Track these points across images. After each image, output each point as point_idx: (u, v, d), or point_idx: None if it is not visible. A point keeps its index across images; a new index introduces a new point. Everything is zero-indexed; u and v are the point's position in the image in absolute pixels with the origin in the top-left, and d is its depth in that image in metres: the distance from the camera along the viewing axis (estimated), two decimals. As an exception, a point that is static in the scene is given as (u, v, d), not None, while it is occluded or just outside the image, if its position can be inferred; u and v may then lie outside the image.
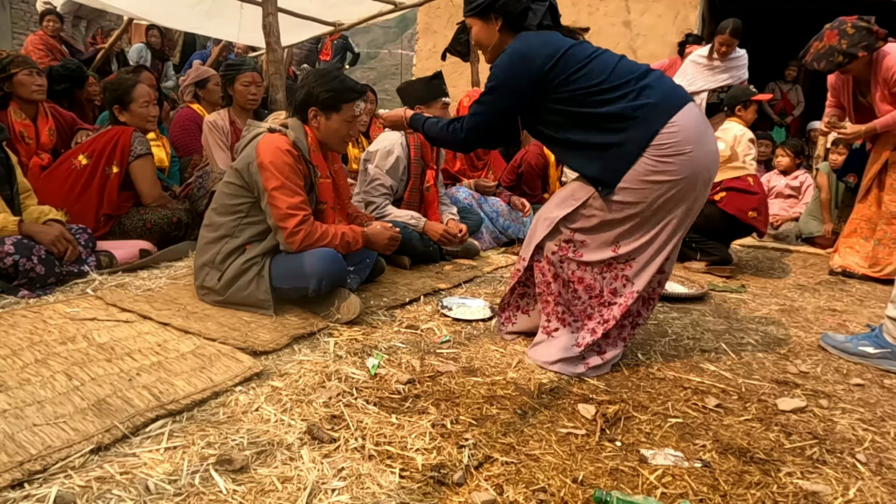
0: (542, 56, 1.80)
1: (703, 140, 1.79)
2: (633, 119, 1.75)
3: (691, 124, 1.77)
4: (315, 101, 2.25)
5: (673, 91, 1.82)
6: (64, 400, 1.45)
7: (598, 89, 1.78)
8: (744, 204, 3.44)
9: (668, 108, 1.76)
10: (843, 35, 3.11)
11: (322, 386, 1.66)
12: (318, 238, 2.15)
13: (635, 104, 1.76)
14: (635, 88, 1.77)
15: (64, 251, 2.34)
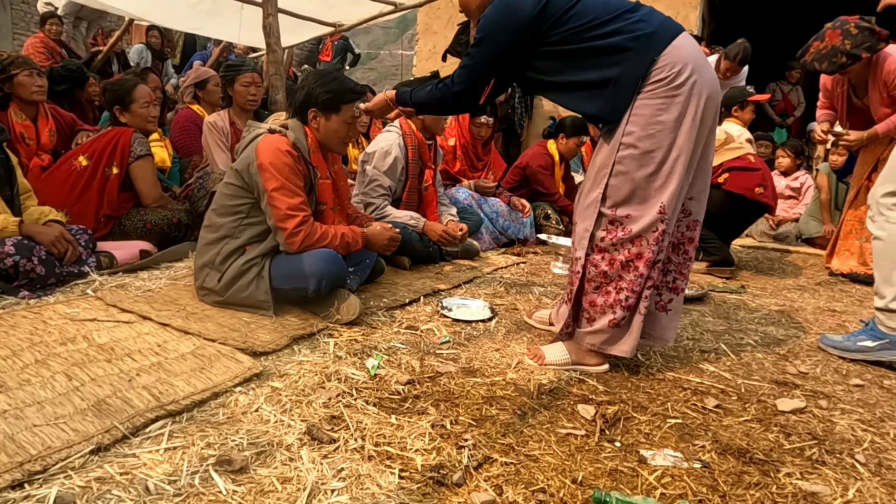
0: (528, 4, 1.77)
1: (703, 66, 1.75)
2: (630, 50, 1.72)
3: (688, 51, 1.73)
4: (315, 102, 2.25)
5: (666, 21, 1.79)
6: (64, 400, 1.45)
7: (592, 25, 1.74)
8: (748, 181, 3.43)
9: (664, 37, 1.72)
10: (847, 35, 3.02)
11: (322, 386, 1.66)
12: (317, 239, 2.15)
13: (631, 35, 1.72)
14: (629, 20, 1.74)
15: (64, 252, 2.34)
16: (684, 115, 1.71)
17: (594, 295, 1.86)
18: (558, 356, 1.94)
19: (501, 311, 2.46)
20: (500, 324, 2.30)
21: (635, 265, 1.80)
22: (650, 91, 1.71)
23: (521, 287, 2.87)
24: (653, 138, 1.72)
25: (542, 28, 1.77)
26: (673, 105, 1.70)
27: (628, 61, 1.72)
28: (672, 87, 1.70)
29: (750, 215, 3.60)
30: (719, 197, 3.34)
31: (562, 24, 1.76)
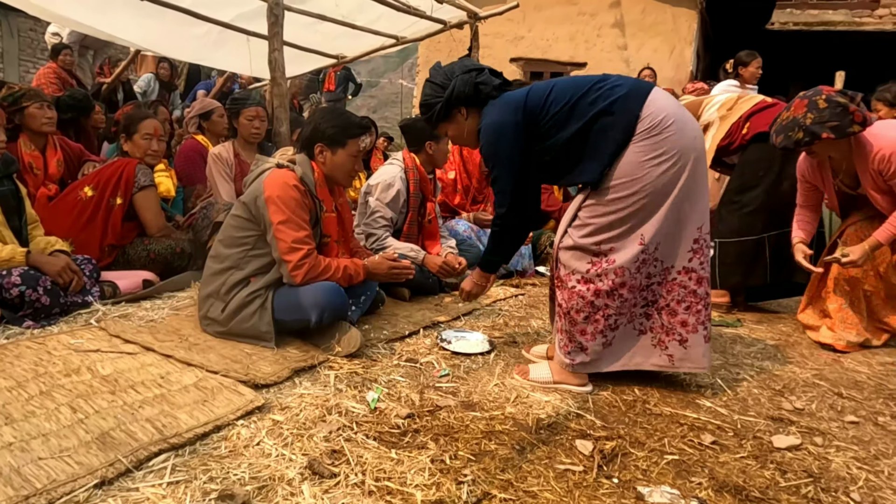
0: (510, 114, 1.95)
1: (682, 115, 1.90)
2: (612, 114, 1.86)
3: (666, 102, 1.88)
4: (321, 136, 2.32)
5: (637, 82, 1.95)
6: (68, 433, 1.47)
7: (571, 104, 1.90)
8: (768, 118, 3.09)
9: (639, 94, 1.87)
10: (812, 108, 2.49)
11: (322, 420, 1.68)
12: (321, 271, 2.19)
13: (609, 101, 1.86)
14: (603, 88, 1.90)
15: (70, 282, 2.37)
16: (668, 157, 1.84)
17: (584, 325, 1.98)
18: (541, 375, 2.07)
19: (500, 343, 2.48)
20: (499, 357, 2.33)
21: (620, 293, 1.94)
22: (637, 140, 1.86)
23: (520, 320, 2.90)
24: (637, 179, 1.85)
25: (534, 125, 1.94)
26: (657, 148, 1.84)
27: (614, 124, 1.86)
28: (655, 133, 1.84)
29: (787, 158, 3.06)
30: (758, 152, 3.11)
31: (545, 113, 1.93)
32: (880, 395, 2.19)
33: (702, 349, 2.00)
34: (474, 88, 2.04)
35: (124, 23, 4.72)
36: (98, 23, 4.73)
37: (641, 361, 2.02)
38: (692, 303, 1.97)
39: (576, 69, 7.66)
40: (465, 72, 2.06)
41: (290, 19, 4.43)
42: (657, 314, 1.99)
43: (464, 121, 2.11)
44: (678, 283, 1.96)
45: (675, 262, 1.95)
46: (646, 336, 2.01)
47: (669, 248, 1.94)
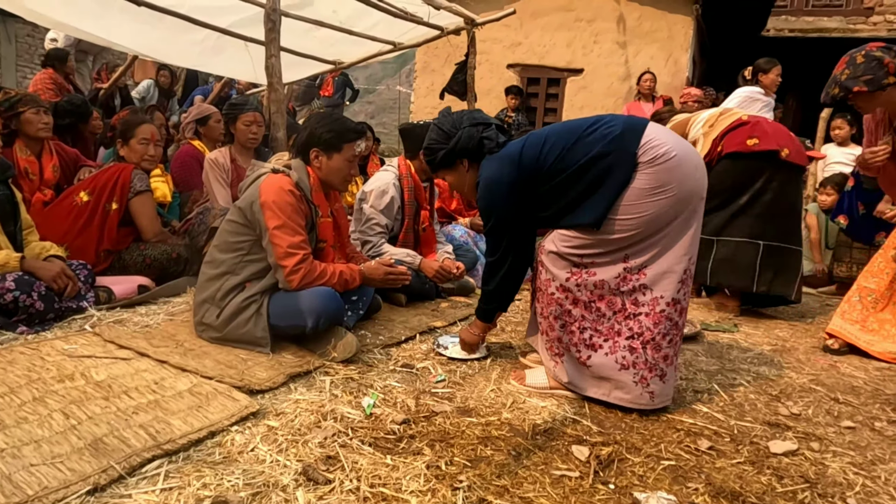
0: (506, 168, 1.96)
1: (682, 145, 1.87)
2: (610, 154, 1.84)
3: (663, 134, 1.86)
4: (317, 141, 2.32)
5: (630, 118, 1.93)
6: (61, 439, 1.46)
7: (567, 151, 1.88)
8: (738, 137, 3.29)
9: (635, 130, 1.85)
10: (850, 63, 2.57)
11: (317, 426, 1.67)
12: (316, 277, 2.18)
13: (605, 142, 1.85)
14: (597, 130, 1.88)
15: (64, 288, 2.36)
16: (665, 186, 1.81)
17: (560, 332, 1.98)
18: (537, 380, 2.08)
19: (496, 349, 2.48)
20: (496, 362, 2.32)
21: (597, 306, 1.92)
22: (641, 172, 1.82)
23: (517, 325, 2.89)
24: (635, 212, 1.82)
25: (531, 177, 1.93)
26: (659, 180, 1.81)
27: (614, 164, 1.83)
28: (658, 166, 1.80)
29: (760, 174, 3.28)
30: (722, 168, 3.29)
31: (543, 164, 1.91)
32: (877, 401, 2.19)
33: (673, 381, 1.97)
34: (478, 143, 2.05)
35: (122, 29, 4.72)
36: (96, 28, 4.73)
37: (622, 396, 1.92)
38: (674, 336, 1.92)
39: (572, 75, 7.69)
40: (472, 124, 2.07)
41: (287, 25, 4.43)
42: (641, 349, 1.89)
43: (465, 172, 2.13)
44: (666, 315, 1.89)
45: (664, 293, 1.88)
46: (627, 372, 1.91)
47: (659, 276, 1.88)
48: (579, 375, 1.98)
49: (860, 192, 4.16)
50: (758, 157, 3.30)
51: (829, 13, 9.21)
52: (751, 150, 3.28)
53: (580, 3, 7.51)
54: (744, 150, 3.28)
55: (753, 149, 3.28)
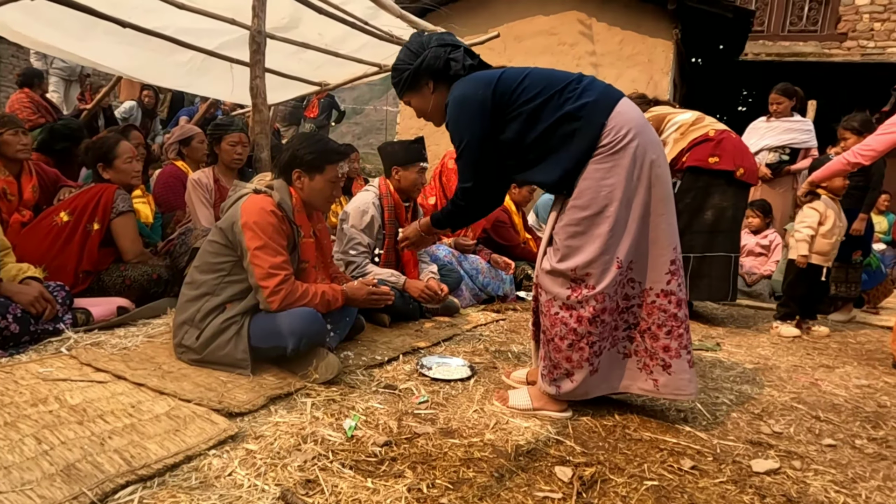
0: (480, 89, 1.90)
1: (645, 129, 1.87)
2: (579, 119, 1.83)
3: (631, 115, 1.86)
4: (299, 162, 2.32)
5: (608, 89, 1.91)
6: (32, 465, 1.42)
7: (543, 99, 1.86)
8: (701, 153, 3.51)
9: (608, 104, 1.85)
10: None
11: (297, 449, 1.64)
12: (298, 297, 2.17)
13: (578, 104, 1.84)
14: (576, 90, 1.87)
15: (42, 311, 2.32)
16: (631, 175, 1.83)
17: (569, 352, 1.93)
18: (521, 401, 2.05)
19: (481, 369, 2.47)
20: (479, 383, 2.31)
21: (602, 318, 1.91)
22: (598, 155, 1.83)
23: (501, 345, 2.89)
24: (603, 199, 1.84)
25: (499, 107, 1.90)
26: (618, 166, 1.82)
27: (580, 130, 1.83)
28: (617, 150, 1.82)
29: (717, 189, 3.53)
30: (686, 185, 3.55)
31: (514, 99, 1.88)
32: (857, 419, 2.20)
33: (687, 375, 1.94)
34: (445, 63, 1.99)
35: (107, 50, 4.72)
36: (81, 50, 4.72)
37: (629, 384, 1.98)
38: (673, 327, 1.93)
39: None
40: (440, 45, 2.01)
41: (273, 47, 4.47)
42: (640, 337, 1.96)
43: (430, 94, 2.05)
44: (657, 306, 1.92)
45: (652, 284, 1.92)
46: (631, 359, 1.98)
47: (644, 267, 1.91)
48: (590, 384, 1.96)
49: (838, 212, 4.23)
50: (715, 175, 3.55)
51: (805, 38, 9.46)
52: (710, 168, 3.53)
53: (563, 28, 7.65)
54: (704, 166, 3.53)
55: (713, 166, 3.53)
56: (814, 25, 9.47)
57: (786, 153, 5.45)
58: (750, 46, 8.90)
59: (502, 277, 3.97)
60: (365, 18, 4.57)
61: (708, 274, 3.59)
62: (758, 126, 5.55)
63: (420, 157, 3.27)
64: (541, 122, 1.86)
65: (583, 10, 7.53)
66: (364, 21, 4.57)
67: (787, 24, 9.55)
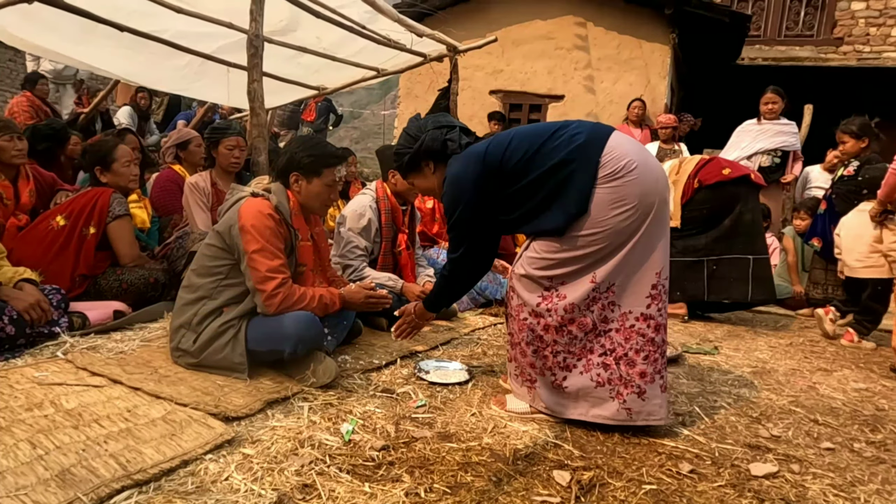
0: (471, 165, 1.97)
1: (644, 157, 1.89)
2: (573, 161, 1.85)
3: (626, 145, 1.87)
4: (297, 166, 2.31)
5: (597, 126, 1.94)
6: (27, 470, 1.41)
7: (530, 154, 1.90)
8: (714, 169, 3.85)
9: (599, 139, 1.87)
10: None
11: (294, 453, 1.64)
12: (296, 301, 2.16)
13: (569, 149, 1.86)
14: (563, 136, 1.89)
15: (38, 317, 2.30)
16: (634, 204, 1.83)
17: (533, 358, 1.97)
18: (518, 405, 2.06)
19: (478, 373, 2.46)
20: (477, 386, 2.30)
21: (568, 329, 1.91)
22: (601, 185, 1.84)
23: (498, 349, 2.88)
24: (598, 224, 1.84)
25: (493, 176, 1.94)
26: (619, 194, 1.82)
27: (576, 171, 1.85)
28: (618, 179, 1.82)
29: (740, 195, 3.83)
30: (703, 197, 3.82)
31: (507, 164, 1.92)
32: (855, 422, 2.20)
33: (659, 400, 1.91)
34: (442, 144, 2.09)
35: (105, 54, 4.73)
36: (78, 54, 4.74)
37: (600, 413, 1.92)
38: (650, 352, 1.90)
39: (553, 101, 7.82)
40: (436, 127, 2.11)
41: (271, 52, 4.48)
42: (615, 365, 1.91)
43: (431, 174, 2.15)
44: (636, 330, 1.89)
45: (632, 308, 1.89)
46: (603, 388, 1.91)
47: (627, 291, 1.89)
48: (556, 399, 1.97)
49: (833, 216, 4.24)
50: (734, 183, 3.83)
51: (801, 43, 9.51)
52: (728, 178, 3.81)
53: (560, 32, 7.67)
54: (722, 178, 3.81)
55: (729, 177, 3.81)
56: (810, 30, 9.52)
57: (777, 156, 5.48)
58: (746, 51, 8.93)
59: (500, 281, 3.97)
60: (363, 22, 4.58)
61: (729, 276, 3.80)
62: (749, 129, 5.58)
63: None
64: (536, 174, 1.89)
65: (580, 14, 7.56)
66: (362, 25, 4.58)
67: (784, 28, 9.60)
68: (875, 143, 4.11)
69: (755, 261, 3.81)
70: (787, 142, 5.45)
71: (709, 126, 7.64)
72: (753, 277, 3.78)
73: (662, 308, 1.93)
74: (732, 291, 3.83)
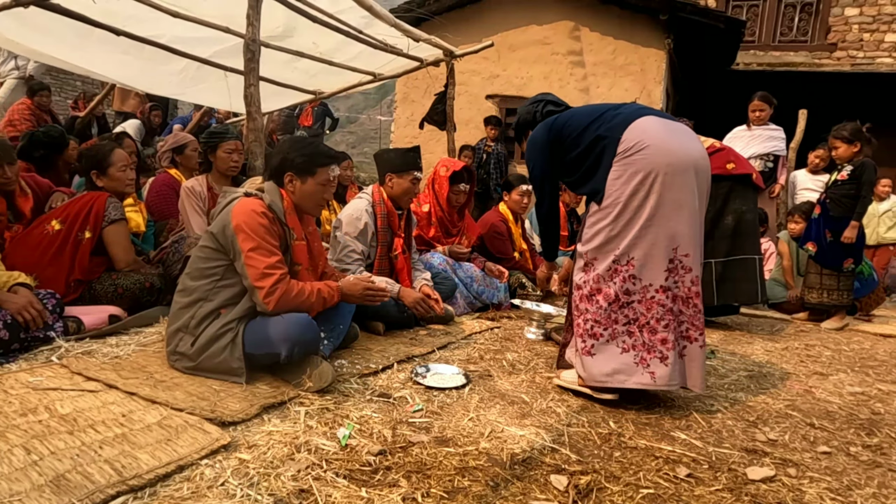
0: (542, 132, 2.39)
1: (663, 139, 2.10)
2: (606, 138, 2.16)
3: (649, 127, 2.12)
4: (290, 165, 2.32)
5: (639, 109, 2.22)
6: (21, 476, 1.40)
7: (582, 129, 2.24)
8: (718, 161, 3.68)
9: (629, 118, 2.15)
10: None
11: (291, 458, 1.63)
12: (294, 296, 2.15)
13: (606, 126, 2.18)
14: (608, 117, 2.21)
15: (31, 320, 2.29)
16: (641, 179, 2.07)
17: (574, 327, 2.27)
18: (569, 376, 2.33)
19: (475, 377, 2.46)
20: (474, 391, 2.30)
21: (596, 299, 2.17)
22: (616, 162, 2.13)
23: (496, 353, 2.88)
24: (611, 197, 2.12)
25: (556, 142, 2.33)
26: (628, 171, 2.09)
27: (606, 146, 2.15)
28: (629, 157, 2.09)
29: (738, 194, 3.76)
30: None
31: (566, 134, 2.30)
32: (851, 426, 2.21)
33: (678, 367, 2.11)
34: (532, 116, 2.56)
35: (101, 58, 4.72)
36: (74, 58, 4.72)
37: (625, 379, 2.12)
38: (670, 321, 2.10)
39: (550, 106, 7.83)
40: (530, 103, 2.60)
41: (268, 56, 4.48)
42: (639, 332, 2.12)
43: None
44: (657, 301, 2.10)
45: (652, 281, 2.11)
46: (628, 354, 2.13)
47: (646, 266, 2.10)
48: (585, 365, 2.20)
49: (827, 220, 4.27)
50: (734, 180, 3.74)
51: (795, 48, 9.57)
52: (729, 174, 3.71)
53: (556, 37, 7.70)
54: (724, 172, 3.70)
55: (732, 172, 3.72)
56: (804, 36, 9.58)
57: (770, 161, 5.53)
58: (741, 56, 8.99)
59: (497, 285, 3.97)
60: (359, 27, 4.58)
61: (733, 277, 3.74)
62: (741, 134, 5.63)
63: (415, 165, 3.28)
64: (581, 147, 2.24)
65: (576, 19, 7.59)
66: (358, 30, 4.59)
67: (778, 34, 9.66)
68: (867, 147, 4.14)
69: (758, 261, 3.79)
70: (778, 146, 5.51)
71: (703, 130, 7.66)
72: (760, 278, 3.75)
73: (679, 281, 2.13)
74: (740, 294, 3.77)
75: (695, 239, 2.12)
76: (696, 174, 2.11)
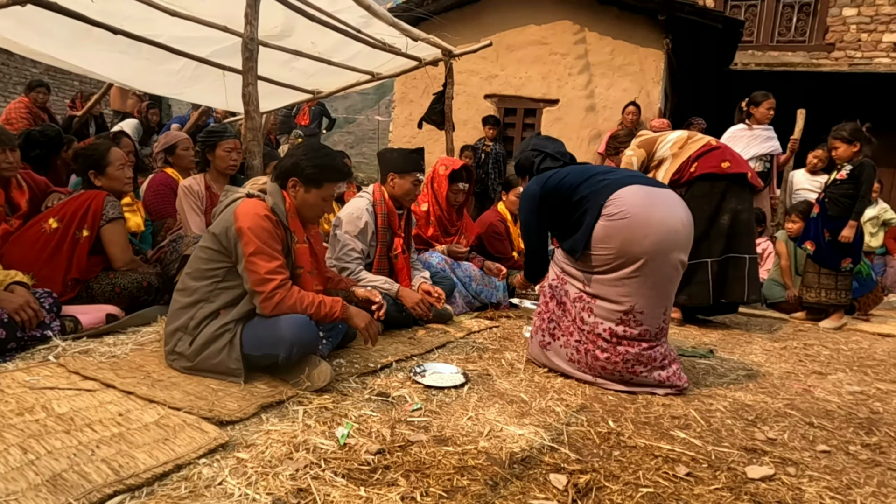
0: (535, 186, 2.59)
1: (645, 207, 2.32)
2: (590, 200, 2.38)
3: (632, 196, 2.33)
4: (299, 172, 2.28)
5: (625, 176, 2.42)
6: (17, 475, 1.39)
7: (573, 187, 2.45)
8: (713, 160, 3.71)
9: (615, 186, 2.36)
10: None
11: (289, 457, 1.62)
12: (294, 302, 2.14)
13: (593, 190, 2.39)
14: (597, 180, 2.42)
15: (28, 319, 2.28)
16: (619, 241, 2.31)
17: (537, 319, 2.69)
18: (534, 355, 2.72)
19: (474, 376, 2.45)
20: (473, 390, 2.29)
21: (562, 301, 2.55)
22: (600, 223, 2.35)
23: (494, 352, 2.88)
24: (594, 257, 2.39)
25: (548, 197, 2.53)
26: (611, 235, 2.33)
27: (589, 209, 2.38)
28: (612, 222, 2.32)
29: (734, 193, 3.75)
30: (701, 192, 3.71)
31: (558, 190, 2.51)
32: (850, 425, 2.21)
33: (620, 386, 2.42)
34: (530, 164, 2.79)
35: (99, 58, 4.70)
36: (72, 57, 4.71)
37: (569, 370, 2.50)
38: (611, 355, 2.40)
39: (548, 106, 7.84)
40: (531, 149, 2.82)
41: (267, 56, 4.47)
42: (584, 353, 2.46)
43: (524, 183, 2.82)
44: (602, 337, 2.41)
45: (604, 322, 2.41)
46: (573, 364, 2.50)
47: (604, 308, 2.39)
48: (540, 353, 2.60)
49: (825, 219, 4.27)
50: (729, 179, 3.72)
51: (794, 48, 9.58)
52: (724, 172, 3.68)
53: (554, 38, 7.70)
54: (718, 171, 3.68)
55: (727, 171, 3.68)
56: (802, 36, 9.59)
57: (768, 161, 5.52)
58: (739, 56, 9.00)
59: (495, 285, 3.96)
60: (358, 27, 4.58)
61: (726, 276, 3.76)
62: (740, 134, 5.58)
63: (417, 167, 3.27)
64: (570, 204, 2.46)
65: (574, 20, 7.59)
66: (357, 29, 4.58)
67: (776, 34, 9.67)
68: (867, 147, 4.14)
69: (750, 260, 3.78)
70: (774, 146, 5.48)
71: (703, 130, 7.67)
72: (749, 277, 3.74)
73: (629, 330, 2.38)
74: (730, 292, 3.78)
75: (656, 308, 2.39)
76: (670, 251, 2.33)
